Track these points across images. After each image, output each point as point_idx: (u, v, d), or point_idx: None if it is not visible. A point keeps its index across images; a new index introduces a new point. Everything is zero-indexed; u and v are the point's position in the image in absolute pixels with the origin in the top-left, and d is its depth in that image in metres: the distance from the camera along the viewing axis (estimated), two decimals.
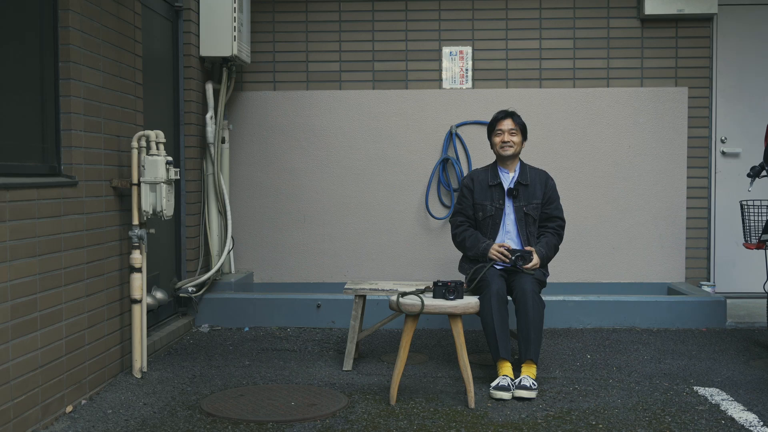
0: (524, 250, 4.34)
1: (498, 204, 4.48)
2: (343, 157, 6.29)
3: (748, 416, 3.65)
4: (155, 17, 4.97)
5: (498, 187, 4.51)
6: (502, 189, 4.50)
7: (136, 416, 3.62)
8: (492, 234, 4.48)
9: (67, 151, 3.72)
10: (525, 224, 4.45)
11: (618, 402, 3.87)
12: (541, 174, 4.57)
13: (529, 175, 4.53)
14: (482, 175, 4.58)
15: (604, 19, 6.28)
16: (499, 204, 4.48)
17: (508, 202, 4.49)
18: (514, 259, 4.31)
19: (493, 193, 4.50)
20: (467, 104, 6.27)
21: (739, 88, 6.36)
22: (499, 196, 4.50)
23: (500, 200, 4.49)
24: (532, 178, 4.53)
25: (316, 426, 3.50)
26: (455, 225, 4.59)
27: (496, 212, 4.48)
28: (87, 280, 3.83)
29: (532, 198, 4.49)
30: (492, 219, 4.48)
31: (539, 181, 4.53)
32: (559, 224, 4.54)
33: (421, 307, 3.83)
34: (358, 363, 4.58)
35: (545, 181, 4.55)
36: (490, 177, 4.54)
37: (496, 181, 4.51)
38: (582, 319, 5.55)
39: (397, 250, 6.28)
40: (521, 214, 4.46)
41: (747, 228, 5.06)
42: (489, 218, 4.49)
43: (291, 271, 6.32)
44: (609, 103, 6.25)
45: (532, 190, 4.50)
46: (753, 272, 5.92)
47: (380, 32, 6.33)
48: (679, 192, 6.25)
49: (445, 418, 3.61)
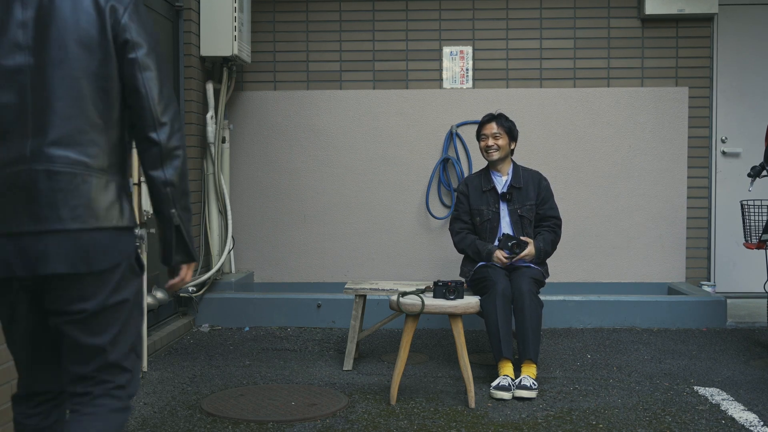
0: (520, 238, 4.36)
1: (494, 208, 4.49)
2: (344, 156, 6.29)
3: (748, 416, 3.65)
4: (155, 17, 4.97)
5: (492, 192, 4.51)
6: (496, 193, 4.51)
7: (136, 416, 3.63)
8: (490, 237, 4.49)
9: None
10: (521, 226, 4.46)
11: (618, 402, 3.87)
12: (534, 175, 4.57)
13: (522, 177, 4.52)
14: (476, 180, 4.58)
15: (605, 19, 6.28)
16: (494, 208, 4.49)
17: (502, 206, 4.49)
18: (510, 245, 4.33)
19: (488, 197, 4.51)
20: (468, 104, 6.27)
21: (740, 88, 6.35)
22: (494, 200, 4.50)
23: (495, 204, 4.49)
24: (525, 180, 4.52)
25: (317, 426, 3.50)
26: (455, 232, 4.61)
27: (493, 216, 4.48)
28: None
29: (525, 200, 4.48)
30: (489, 223, 4.49)
31: (532, 182, 4.53)
32: (554, 222, 4.54)
33: (421, 307, 3.83)
34: (359, 363, 4.58)
35: (538, 182, 4.54)
36: (483, 182, 4.54)
37: (490, 186, 4.51)
38: (582, 319, 5.55)
39: (398, 249, 6.28)
40: (516, 217, 4.46)
41: (747, 228, 5.06)
42: (486, 222, 4.50)
43: (291, 271, 6.32)
44: (609, 103, 6.25)
45: (525, 192, 4.49)
46: (753, 272, 5.91)
47: (380, 32, 6.33)
48: (679, 192, 6.25)
49: (445, 418, 3.61)
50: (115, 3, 1.98)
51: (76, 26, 1.94)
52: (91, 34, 1.95)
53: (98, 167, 1.96)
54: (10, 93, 1.93)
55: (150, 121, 1.99)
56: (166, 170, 2.01)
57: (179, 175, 2.03)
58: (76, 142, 1.93)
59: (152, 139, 2.00)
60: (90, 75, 1.95)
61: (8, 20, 1.94)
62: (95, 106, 1.95)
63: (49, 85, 1.93)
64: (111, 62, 1.97)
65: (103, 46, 1.96)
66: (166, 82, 2.04)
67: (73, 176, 1.92)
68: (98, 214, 1.94)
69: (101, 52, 1.96)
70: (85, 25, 1.94)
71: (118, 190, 2.00)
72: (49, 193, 1.90)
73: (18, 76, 1.93)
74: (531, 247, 4.36)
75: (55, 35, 1.93)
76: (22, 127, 1.92)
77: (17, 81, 1.93)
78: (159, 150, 2.00)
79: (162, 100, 2.00)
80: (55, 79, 1.93)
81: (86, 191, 1.93)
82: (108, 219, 1.96)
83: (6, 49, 1.93)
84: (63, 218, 1.90)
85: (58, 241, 1.90)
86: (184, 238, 2.05)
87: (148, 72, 1.99)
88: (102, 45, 1.96)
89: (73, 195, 1.91)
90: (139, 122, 2.00)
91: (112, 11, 1.97)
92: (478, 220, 4.52)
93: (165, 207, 2.03)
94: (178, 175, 2.03)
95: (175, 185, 2.03)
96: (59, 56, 1.93)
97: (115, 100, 1.99)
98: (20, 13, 1.93)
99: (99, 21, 1.95)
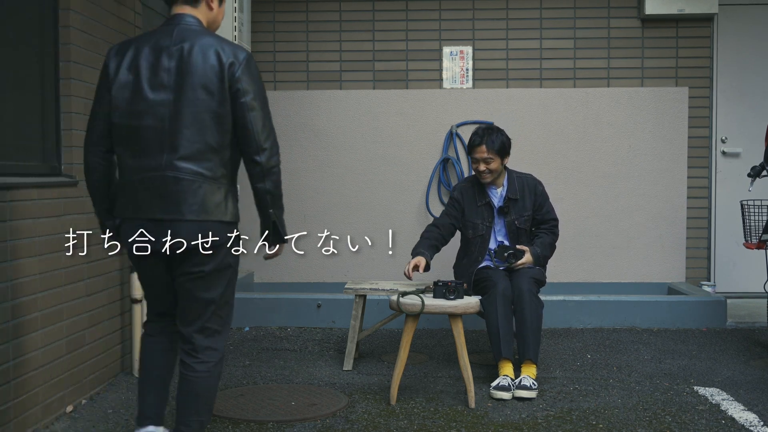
0: (516, 248, 4.33)
1: (488, 222, 4.41)
2: (344, 156, 6.29)
3: (748, 416, 3.65)
4: (156, 17, 4.97)
5: (486, 206, 4.42)
6: (491, 207, 4.42)
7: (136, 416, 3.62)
8: (481, 251, 4.41)
9: (68, 151, 3.72)
10: (517, 237, 4.41)
11: (618, 402, 3.87)
12: (528, 181, 4.47)
13: (518, 186, 4.43)
14: (470, 191, 4.46)
15: (605, 19, 6.28)
16: (488, 222, 4.41)
17: (497, 220, 4.42)
18: (507, 256, 4.31)
19: (483, 211, 4.42)
20: (468, 104, 6.27)
21: (740, 87, 6.35)
22: (489, 214, 4.41)
23: (490, 218, 4.41)
24: (521, 189, 4.43)
25: (317, 426, 3.50)
26: (434, 221, 4.52)
27: (486, 231, 4.41)
28: (87, 279, 3.83)
29: (522, 211, 4.41)
30: (481, 238, 4.41)
31: (528, 190, 4.44)
32: (552, 224, 4.51)
33: (421, 307, 3.83)
34: (359, 363, 4.58)
35: (534, 189, 4.45)
36: (478, 196, 4.44)
37: (485, 200, 4.42)
38: (582, 319, 5.55)
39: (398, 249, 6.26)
40: (513, 228, 4.40)
41: (747, 228, 5.06)
42: (479, 237, 4.41)
43: (291, 271, 6.32)
44: (609, 103, 6.25)
45: (522, 202, 4.41)
46: (753, 272, 5.91)
47: (380, 32, 6.33)
48: (679, 192, 6.25)
49: (445, 418, 3.61)
50: (233, 59, 2.68)
51: (204, 75, 2.65)
52: (214, 82, 2.66)
53: (211, 177, 2.70)
54: (154, 119, 2.66)
55: (255, 147, 2.72)
56: (266, 183, 2.75)
57: (275, 186, 2.78)
58: (197, 159, 2.67)
59: (256, 161, 2.73)
60: (210, 111, 2.67)
61: (158, 66, 2.67)
62: (212, 134, 2.68)
63: (181, 116, 2.65)
64: (226, 103, 2.68)
65: (222, 92, 2.67)
66: (267, 118, 2.75)
67: (192, 183, 2.67)
68: (208, 211, 2.69)
69: (220, 96, 2.67)
70: (210, 75, 2.66)
71: (225, 194, 2.74)
72: (175, 193, 2.66)
73: (160, 107, 2.66)
74: (528, 255, 4.33)
75: (189, 81, 2.65)
76: (160, 144, 2.66)
77: (159, 111, 2.66)
78: (261, 169, 2.74)
79: (264, 132, 2.72)
80: (186, 113, 2.65)
81: (201, 194, 2.68)
82: (215, 214, 2.71)
83: (155, 87, 2.67)
84: (183, 212, 2.66)
85: (180, 227, 2.67)
86: (278, 229, 2.85)
87: (254, 112, 2.70)
88: (221, 90, 2.66)
89: (192, 196, 2.67)
90: (247, 148, 2.73)
91: (230, 66, 2.67)
92: (471, 233, 4.44)
93: (266, 208, 2.80)
94: (274, 186, 2.78)
95: (273, 193, 2.78)
96: (191, 96, 2.65)
97: (227, 130, 2.70)
98: (167, 61, 2.67)
99: (220, 73, 2.66)
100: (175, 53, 2.67)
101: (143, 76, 2.68)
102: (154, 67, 2.67)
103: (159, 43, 2.70)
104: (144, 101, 2.67)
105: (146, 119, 2.67)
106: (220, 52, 2.68)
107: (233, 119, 2.70)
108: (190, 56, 2.66)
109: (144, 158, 2.68)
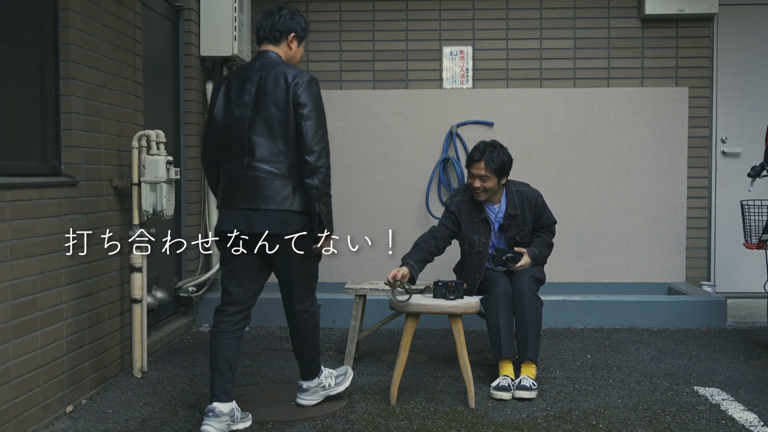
0: (515, 251, 4.32)
1: (484, 239, 4.32)
2: (343, 156, 6.29)
3: (748, 416, 3.65)
4: (156, 17, 4.97)
5: (483, 222, 4.33)
6: (487, 224, 4.33)
7: (137, 416, 3.63)
8: (477, 267, 4.33)
9: (68, 151, 3.72)
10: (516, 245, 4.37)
11: (618, 402, 3.87)
12: (528, 195, 4.35)
13: (517, 201, 4.33)
14: (467, 206, 4.33)
15: (605, 19, 6.28)
16: (485, 239, 4.32)
17: (499, 236, 4.36)
18: (505, 260, 4.30)
19: (479, 227, 4.33)
20: (468, 104, 6.27)
21: (740, 87, 6.36)
22: (485, 230, 4.32)
23: (486, 234, 4.32)
24: (521, 204, 4.32)
25: (317, 426, 3.50)
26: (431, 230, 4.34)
27: (483, 248, 4.33)
28: (87, 279, 3.83)
29: (523, 225, 4.33)
30: (478, 255, 4.33)
31: (528, 204, 4.33)
32: (551, 228, 4.50)
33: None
34: (359, 363, 4.58)
35: (534, 203, 4.34)
36: (474, 212, 4.33)
37: (481, 217, 4.33)
38: (582, 319, 5.55)
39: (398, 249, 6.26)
40: (514, 243, 4.36)
41: (747, 228, 5.06)
42: (475, 254, 4.33)
43: None
44: (609, 103, 6.25)
45: (523, 218, 4.32)
46: (753, 272, 5.91)
47: (380, 32, 6.33)
48: (679, 192, 6.25)
49: (445, 418, 3.61)
50: (299, 80, 3.36)
51: (275, 96, 3.36)
52: (282, 100, 3.35)
53: (281, 175, 3.36)
54: (238, 131, 3.39)
55: (306, 149, 3.35)
56: (313, 179, 3.36)
57: (322, 183, 3.38)
58: (269, 160, 3.36)
59: (306, 161, 3.36)
60: (279, 123, 3.36)
61: (243, 90, 3.41)
62: (281, 140, 3.36)
63: (257, 128, 3.37)
64: (290, 116, 3.36)
65: (287, 107, 3.35)
66: (320, 127, 3.38)
67: (265, 179, 3.35)
68: (278, 202, 3.35)
69: (286, 110, 3.35)
70: (279, 95, 3.36)
71: (293, 189, 3.37)
72: (254, 189, 3.36)
73: (243, 121, 3.39)
74: (526, 257, 4.32)
75: (264, 100, 3.37)
76: (242, 150, 3.38)
77: (242, 125, 3.39)
78: (310, 167, 3.36)
79: (315, 137, 3.35)
80: (261, 125, 3.37)
81: (273, 189, 3.35)
82: (284, 205, 3.35)
83: (239, 106, 3.40)
84: (260, 203, 3.35)
85: (258, 216, 3.36)
86: (323, 221, 3.40)
87: (309, 121, 3.35)
88: (287, 106, 3.35)
89: (266, 190, 3.35)
90: (301, 150, 3.36)
91: (294, 87, 3.35)
92: (467, 249, 4.36)
93: (313, 201, 3.37)
94: (321, 182, 3.37)
95: (319, 189, 3.37)
96: (264, 112, 3.37)
97: (292, 138, 3.37)
98: (249, 87, 3.40)
99: (286, 92, 3.35)
100: (255, 80, 3.40)
101: (232, 99, 3.42)
102: (240, 91, 3.41)
103: (246, 73, 3.44)
104: (231, 118, 3.40)
105: (233, 131, 3.40)
106: (288, 75, 3.37)
107: (294, 127, 3.35)
108: (266, 81, 3.37)
109: (233, 161, 3.40)
